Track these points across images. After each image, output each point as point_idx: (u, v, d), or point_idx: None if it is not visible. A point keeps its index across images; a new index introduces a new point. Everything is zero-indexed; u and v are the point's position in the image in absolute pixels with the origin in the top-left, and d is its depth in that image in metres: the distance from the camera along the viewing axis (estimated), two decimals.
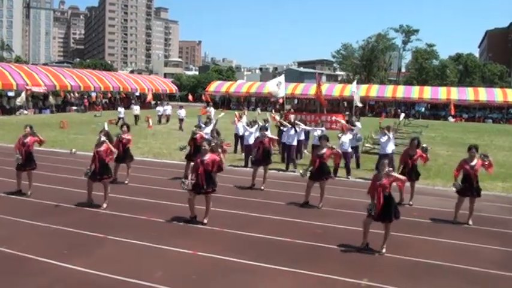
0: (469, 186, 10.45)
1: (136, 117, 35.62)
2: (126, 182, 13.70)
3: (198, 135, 13.89)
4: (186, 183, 9.70)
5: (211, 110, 31.65)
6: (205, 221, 9.88)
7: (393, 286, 7.04)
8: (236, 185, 13.85)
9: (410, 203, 12.17)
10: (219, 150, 11.59)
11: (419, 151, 12.21)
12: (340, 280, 7.18)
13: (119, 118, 33.40)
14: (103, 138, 11.05)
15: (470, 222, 10.52)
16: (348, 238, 9.15)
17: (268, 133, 14.17)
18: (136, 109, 36.65)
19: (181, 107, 34.02)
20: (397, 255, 8.33)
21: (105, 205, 10.94)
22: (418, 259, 8.19)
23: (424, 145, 12.73)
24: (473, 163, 10.47)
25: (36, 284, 6.75)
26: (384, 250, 8.44)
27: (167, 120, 37.27)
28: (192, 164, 11.05)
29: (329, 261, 8.04)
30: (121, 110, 35.08)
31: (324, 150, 11.63)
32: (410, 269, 7.81)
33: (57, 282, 6.84)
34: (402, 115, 28.70)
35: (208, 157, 9.71)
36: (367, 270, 7.58)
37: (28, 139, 11.78)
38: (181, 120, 32.25)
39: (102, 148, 10.93)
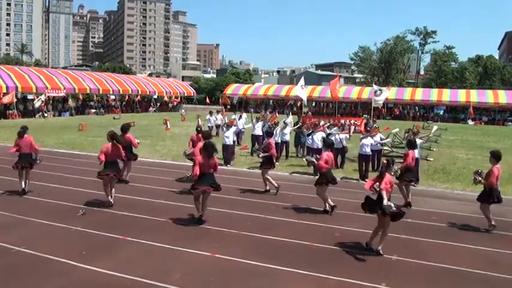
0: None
1: (218, 127, 29.72)
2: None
3: (193, 135, 14.00)
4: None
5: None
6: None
7: None
8: (254, 188, 13.82)
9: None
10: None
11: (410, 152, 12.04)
12: (360, 284, 7.11)
13: (209, 127, 27.76)
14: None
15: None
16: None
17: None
18: (217, 118, 30.68)
19: (241, 117, 26.52)
20: (415, 259, 8.23)
21: None
22: (436, 264, 8.07)
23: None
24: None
25: (55, 284, 6.79)
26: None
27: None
28: None
29: (348, 265, 7.97)
30: (211, 118, 29.61)
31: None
32: (429, 274, 7.70)
33: (76, 283, 6.88)
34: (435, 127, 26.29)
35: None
36: (385, 275, 7.50)
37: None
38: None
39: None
